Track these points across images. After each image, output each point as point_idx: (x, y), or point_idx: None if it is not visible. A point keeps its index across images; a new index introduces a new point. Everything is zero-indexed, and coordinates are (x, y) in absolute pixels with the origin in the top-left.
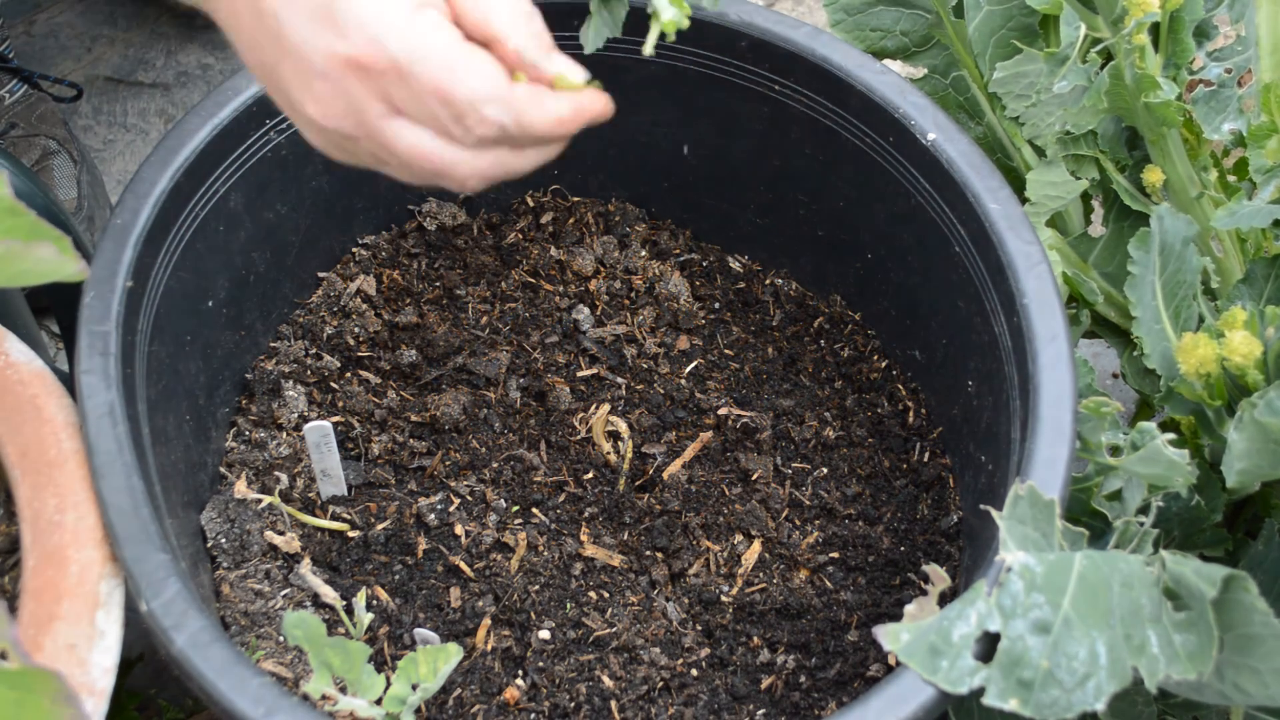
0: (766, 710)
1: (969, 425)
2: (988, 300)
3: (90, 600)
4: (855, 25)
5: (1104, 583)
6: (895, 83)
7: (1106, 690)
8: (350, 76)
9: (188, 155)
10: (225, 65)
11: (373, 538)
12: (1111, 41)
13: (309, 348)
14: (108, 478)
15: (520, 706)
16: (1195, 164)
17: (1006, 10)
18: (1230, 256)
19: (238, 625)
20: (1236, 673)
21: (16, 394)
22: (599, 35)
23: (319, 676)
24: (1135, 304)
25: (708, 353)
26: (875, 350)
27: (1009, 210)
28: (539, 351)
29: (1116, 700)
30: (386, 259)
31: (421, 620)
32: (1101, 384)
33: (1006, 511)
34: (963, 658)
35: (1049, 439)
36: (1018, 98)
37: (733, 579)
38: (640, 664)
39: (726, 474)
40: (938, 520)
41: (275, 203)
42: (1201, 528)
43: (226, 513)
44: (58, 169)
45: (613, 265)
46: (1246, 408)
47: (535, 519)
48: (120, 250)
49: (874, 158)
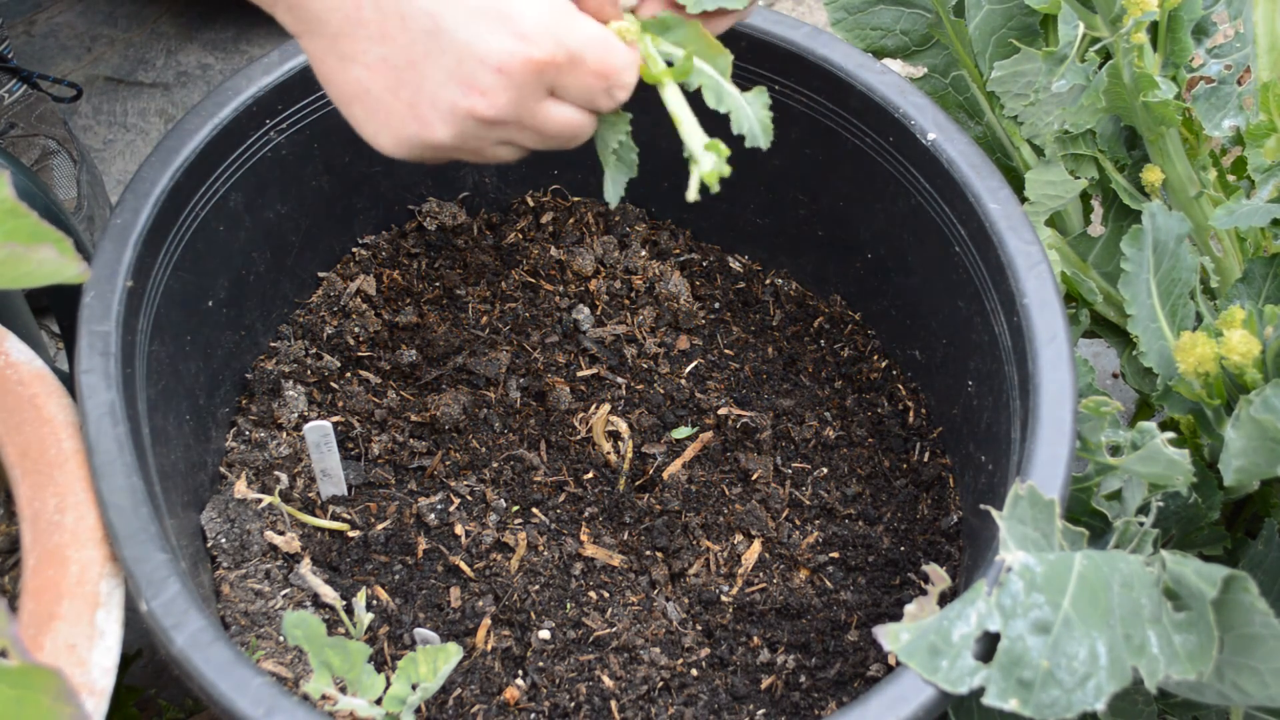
0: (766, 710)
1: (969, 425)
2: (988, 300)
3: (90, 600)
4: (855, 24)
5: (1104, 583)
6: (895, 82)
7: (1106, 690)
8: (529, 73)
9: (188, 155)
10: (225, 65)
11: (373, 538)
12: (1110, 40)
13: (309, 348)
14: (108, 478)
15: (520, 706)
16: (1194, 163)
17: (1007, 10)
18: (1229, 255)
19: (238, 625)
20: (1236, 673)
21: (16, 394)
22: (618, 186)
23: (319, 676)
24: (1130, 302)
25: (708, 353)
26: (875, 350)
27: (1009, 210)
28: (539, 351)
29: (1116, 700)
30: (386, 259)
31: (421, 620)
32: (1101, 384)
33: (1006, 511)
34: (963, 658)
35: (1049, 439)
36: (1016, 97)
37: (733, 579)
38: (640, 664)
39: (726, 474)
40: (938, 520)
41: (275, 203)
42: (1199, 526)
43: (226, 513)
44: (57, 169)
45: (613, 265)
46: (1244, 405)
47: (535, 519)
48: (120, 250)
49: (874, 158)
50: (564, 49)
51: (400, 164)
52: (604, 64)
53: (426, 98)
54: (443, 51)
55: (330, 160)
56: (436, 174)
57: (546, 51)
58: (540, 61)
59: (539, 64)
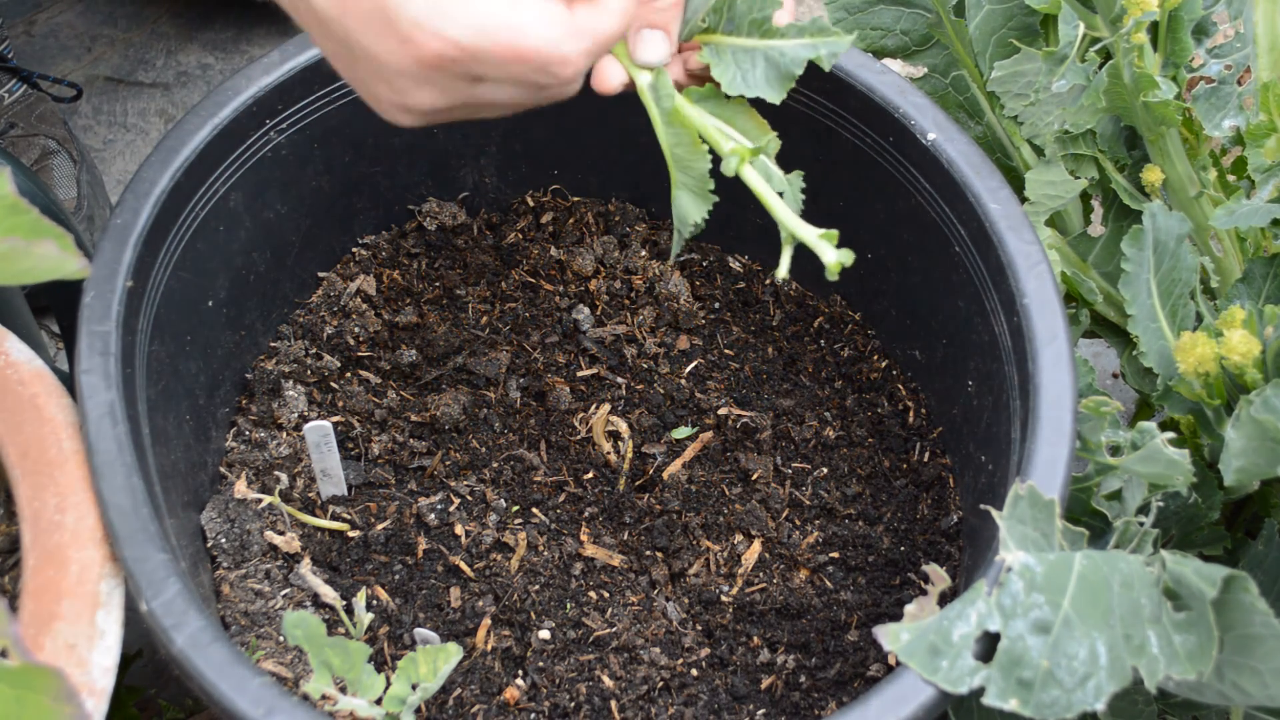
0: (766, 710)
1: (969, 425)
2: (988, 300)
3: (90, 600)
4: (855, 24)
5: (1104, 583)
6: (895, 82)
7: (1106, 690)
8: (430, 72)
9: (188, 155)
10: (225, 65)
11: (373, 538)
12: (1110, 40)
13: (309, 347)
14: (108, 478)
15: (520, 706)
16: (1194, 163)
17: (1007, 9)
18: (1229, 255)
19: (238, 625)
20: (1236, 673)
21: (16, 394)
22: (678, 246)
23: (319, 676)
24: (1130, 302)
25: (708, 353)
26: (875, 350)
27: (1009, 210)
28: (539, 351)
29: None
30: (386, 259)
31: (421, 620)
32: (1101, 384)
33: (1006, 511)
34: (963, 658)
35: (1049, 439)
36: (1016, 97)
37: (733, 579)
38: (640, 664)
39: (726, 474)
40: (938, 520)
41: (275, 203)
42: (1199, 526)
43: (226, 513)
44: (57, 168)
45: (613, 265)
46: (1244, 405)
47: (535, 519)
48: (120, 250)
49: (874, 158)
50: (452, 44)
51: (400, 164)
52: (511, 51)
53: (373, 94)
54: (356, 60)
55: (330, 160)
56: (436, 174)
57: (432, 50)
58: (430, 59)
59: (430, 61)
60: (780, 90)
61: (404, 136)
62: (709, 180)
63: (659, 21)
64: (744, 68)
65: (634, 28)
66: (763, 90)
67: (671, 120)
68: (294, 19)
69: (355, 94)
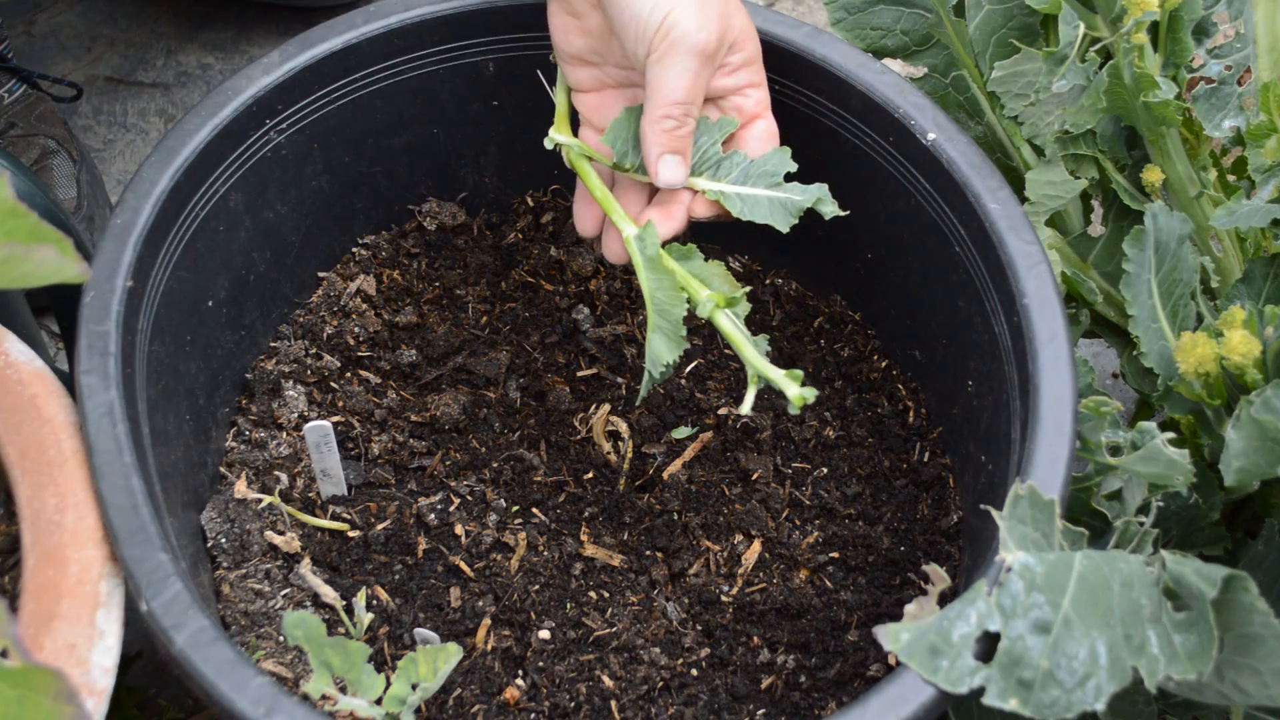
0: (766, 710)
1: (969, 425)
2: (988, 300)
3: (90, 600)
4: (855, 24)
5: (1104, 583)
6: (895, 82)
7: (1106, 690)
8: None
9: (188, 155)
10: (225, 65)
11: (373, 538)
12: (1110, 40)
13: (309, 347)
14: (108, 477)
15: (520, 706)
16: (1194, 163)
17: (1007, 10)
18: (1230, 256)
19: (238, 625)
20: (1236, 673)
21: (16, 394)
22: (645, 389)
23: (319, 676)
24: (1131, 302)
25: (707, 352)
26: (875, 350)
27: (1009, 210)
28: (539, 351)
29: (1116, 700)
30: (386, 259)
31: (421, 620)
32: (1101, 384)
33: (1006, 511)
34: (963, 658)
35: (1049, 439)
36: (1016, 97)
37: (733, 579)
38: (640, 664)
39: (726, 474)
40: (938, 520)
41: (275, 203)
42: (1199, 526)
43: (226, 513)
44: (57, 169)
45: (612, 265)
46: (1244, 406)
47: (535, 519)
48: (120, 250)
49: (874, 158)
50: None
51: (400, 164)
52: None
53: None
54: None
55: (330, 160)
56: (436, 174)
57: None
58: None
59: None
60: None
61: (404, 136)
62: (682, 326)
63: (680, 147)
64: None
65: (657, 153)
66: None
67: (654, 267)
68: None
69: (355, 94)
